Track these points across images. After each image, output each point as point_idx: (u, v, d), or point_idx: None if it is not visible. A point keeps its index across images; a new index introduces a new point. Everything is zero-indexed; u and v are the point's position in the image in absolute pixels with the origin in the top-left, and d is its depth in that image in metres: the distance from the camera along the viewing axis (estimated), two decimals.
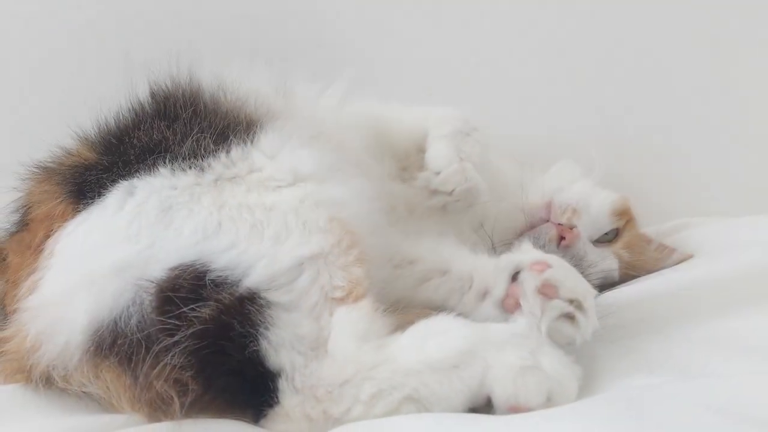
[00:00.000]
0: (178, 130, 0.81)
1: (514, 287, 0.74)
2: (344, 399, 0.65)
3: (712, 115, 1.45)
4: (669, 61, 1.46)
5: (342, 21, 1.45)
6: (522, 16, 1.46)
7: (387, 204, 0.90)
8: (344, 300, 0.71)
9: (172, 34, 1.40)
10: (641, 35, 1.46)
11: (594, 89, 1.46)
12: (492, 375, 0.65)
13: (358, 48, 1.44)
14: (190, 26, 1.41)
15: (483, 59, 1.45)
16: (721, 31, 1.44)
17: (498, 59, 1.46)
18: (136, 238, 0.73)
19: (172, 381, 0.64)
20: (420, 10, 1.46)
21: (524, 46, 1.46)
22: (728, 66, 1.44)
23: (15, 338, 0.73)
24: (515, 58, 1.46)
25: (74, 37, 1.43)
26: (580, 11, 1.45)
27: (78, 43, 1.43)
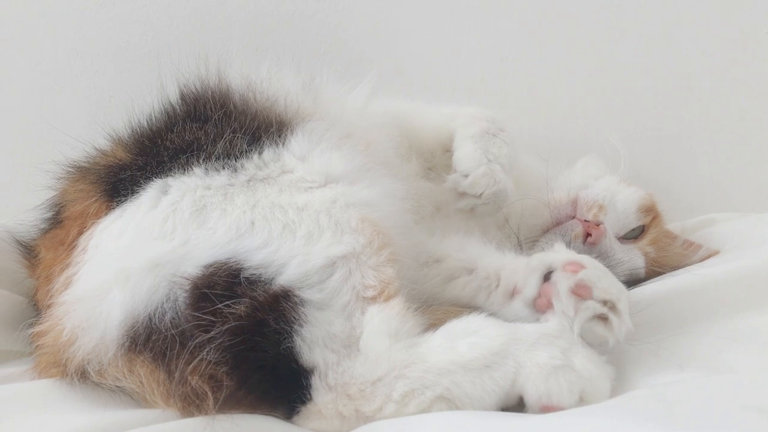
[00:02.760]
0: (211, 131, 0.83)
1: (547, 287, 0.74)
2: (376, 397, 0.65)
3: (737, 112, 1.44)
4: (695, 57, 1.44)
5: (365, 19, 1.45)
6: (547, 12, 1.45)
7: (413, 203, 0.90)
8: (376, 299, 0.72)
9: (198, 34, 1.40)
10: (667, 32, 1.44)
11: (619, 86, 1.46)
12: (524, 375, 0.65)
13: (382, 46, 1.44)
14: (213, 26, 1.42)
15: (507, 56, 1.45)
16: (749, 28, 1.42)
17: (522, 56, 1.45)
18: (170, 236, 0.74)
19: (207, 376, 0.65)
20: (443, 7, 1.45)
21: (549, 43, 1.46)
22: (755, 63, 1.42)
23: (51, 332, 0.74)
24: (539, 54, 1.46)
25: (103, 37, 1.44)
26: (606, 8, 1.43)
27: (107, 44, 1.44)
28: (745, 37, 1.43)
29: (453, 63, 1.44)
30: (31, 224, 0.95)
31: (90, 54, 1.46)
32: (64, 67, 1.46)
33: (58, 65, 1.46)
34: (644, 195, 1.11)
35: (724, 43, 1.44)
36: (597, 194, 1.05)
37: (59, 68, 1.46)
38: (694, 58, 1.45)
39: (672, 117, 1.45)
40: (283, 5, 1.42)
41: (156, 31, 1.44)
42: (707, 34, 1.44)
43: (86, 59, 1.46)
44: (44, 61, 1.46)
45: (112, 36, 1.45)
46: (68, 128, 1.42)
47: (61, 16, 1.44)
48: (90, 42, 1.46)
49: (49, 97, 1.47)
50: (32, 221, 0.95)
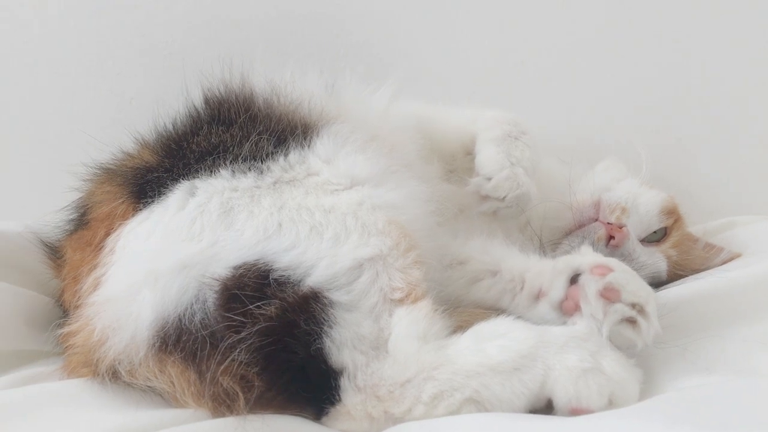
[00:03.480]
0: (236, 134, 0.83)
1: (574, 290, 0.74)
2: (406, 399, 0.66)
3: (758, 114, 1.43)
4: (715, 60, 1.44)
5: (384, 23, 1.45)
6: (566, 15, 1.45)
7: (437, 205, 0.90)
8: (403, 301, 0.72)
9: (220, 38, 1.41)
10: (687, 34, 1.44)
11: (639, 89, 1.45)
12: (553, 377, 0.65)
13: (401, 49, 1.45)
14: (235, 28, 1.43)
15: (526, 59, 1.44)
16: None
17: (541, 59, 1.45)
18: (198, 237, 0.74)
19: (238, 377, 0.66)
20: (462, 12, 1.45)
21: (568, 46, 1.45)
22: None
23: (81, 332, 0.75)
24: (558, 58, 1.46)
25: (124, 40, 1.46)
26: (625, 12, 1.43)
27: (128, 47, 1.46)
28: (766, 39, 1.42)
29: (471, 66, 1.45)
30: (56, 226, 0.96)
31: (111, 57, 1.47)
32: (84, 69, 1.48)
33: (80, 68, 1.47)
34: (666, 197, 1.10)
35: (745, 46, 1.43)
36: (619, 197, 1.05)
37: (80, 71, 1.47)
38: (714, 61, 1.44)
39: (691, 119, 1.45)
40: (300, 8, 1.43)
41: (177, 34, 1.45)
42: (727, 36, 1.43)
43: (108, 62, 1.47)
44: (65, 63, 1.47)
45: (133, 40, 1.47)
46: (89, 131, 1.44)
47: (83, 19, 1.46)
48: (111, 45, 1.47)
49: (71, 100, 1.49)
50: (57, 223, 0.96)
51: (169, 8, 1.45)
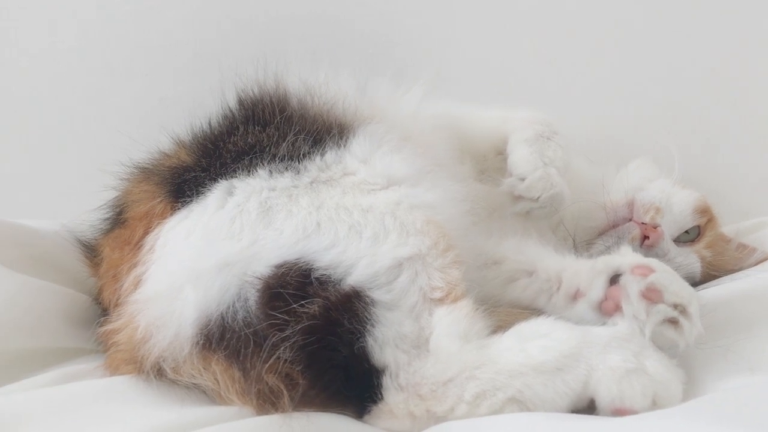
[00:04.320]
0: (273, 134, 0.84)
1: (614, 290, 0.73)
2: (448, 398, 0.66)
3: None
4: (744, 58, 1.42)
5: (411, 23, 1.45)
6: (595, 12, 1.44)
7: (471, 205, 0.91)
8: (443, 301, 0.72)
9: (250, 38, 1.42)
10: (716, 33, 1.43)
11: (668, 88, 1.45)
12: (596, 377, 0.65)
13: (429, 49, 1.45)
14: (265, 29, 1.44)
15: (555, 59, 1.44)
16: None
17: (570, 60, 1.45)
18: (238, 236, 0.75)
19: (283, 375, 0.66)
20: (490, 12, 1.45)
21: (596, 46, 1.45)
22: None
23: (124, 330, 0.76)
24: (587, 58, 1.45)
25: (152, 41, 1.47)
26: (654, 11, 1.42)
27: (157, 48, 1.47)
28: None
29: (499, 67, 1.44)
30: (91, 224, 0.98)
31: (139, 58, 1.48)
32: (113, 70, 1.49)
33: (110, 68, 1.48)
34: (699, 197, 1.10)
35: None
36: (653, 196, 1.04)
37: (110, 71, 1.49)
38: (743, 60, 1.43)
39: (721, 119, 1.44)
40: (327, 9, 1.44)
41: (204, 35, 1.46)
42: (757, 35, 1.42)
43: (136, 63, 1.48)
44: (95, 63, 1.49)
45: (161, 40, 1.48)
46: (118, 131, 1.46)
47: (114, 21, 1.47)
48: (139, 46, 1.48)
49: (100, 101, 1.50)
50: (92, 222, 0.97)
51: (196, 11, 1.46)
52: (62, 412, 0.67)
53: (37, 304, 0.90)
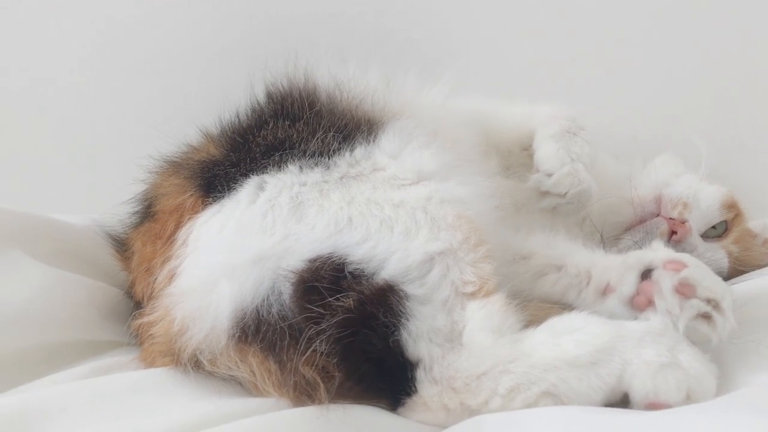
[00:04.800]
0: (303, 129, 0.84)
1: (647, 285, 0.74)
2: (482, 391, 0.66)
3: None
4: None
5: (434, 19, 1.45)
6: (617, 8, 1.43)
7: (499, 200, 0.91)
8: (475, 295, 0.73)
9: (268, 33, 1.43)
10: (741, 27, 1.42)
11: (692, 83, 1.44)
12: (631, 372, 0.65)
13: (452, 45, 1.45)
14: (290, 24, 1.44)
15: (578, 54, 1.44)
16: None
17: (593, 55, 1.45)
18: (270, 231, 0.76)
19: (319, 367, 0.67)
20: (514, 7, 1.45)
21: (620, 42, 1.44)
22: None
23: (160, 322, 0.77)
24: (612, 53, 1.45)
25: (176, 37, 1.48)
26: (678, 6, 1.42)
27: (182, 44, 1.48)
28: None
29: (523, 62, 1.44)
30: (120, 219, 0.99)
31: (164, 54, 1.50)
32: (137, 67, 1.50)
33: (135, 64, 1.50)
34: (726, 192, 1.10)
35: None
36: (681, 192, 1.05)
37: (135, 67, 1.50)
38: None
39: (747, 114, 1.43)
40: (351, 6, 1.44)
41: (232, 31, 1.47)
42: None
43: (160, 59, 1.49)
44: (119, 59, 1.50)
45: (185, 37, 1.49)
46: (142, 127, 1.48)
47: (138, 17, 1.48)
48: (163, 42, 1.49)
49: (124, 98, 1.51)
50: (121, 216, 0.99)
51: (217, 7, 1.47)
52: (102, 403, 0.68)
53: (70, 297, 0.91)
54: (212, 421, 0.65)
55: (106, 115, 1.51)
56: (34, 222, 0.98)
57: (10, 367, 0.81)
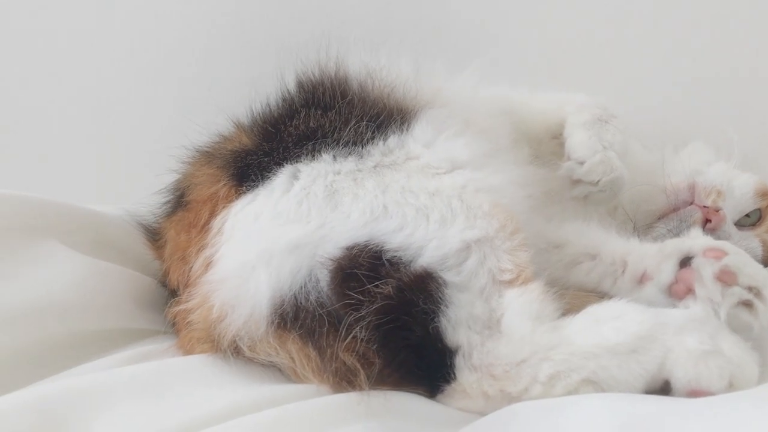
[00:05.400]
0: (335, 119, 0.85)
1: (686, 273, 0.73)
2: (522, 378, 0.67)
3: None
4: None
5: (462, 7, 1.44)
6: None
7: (532, 189, 0.91)
8: (512, 283, 0.72)
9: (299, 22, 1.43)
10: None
11: (721, 72, 1.42)
12: (672, 359, 0.65)
13: (480, 34, 1.44)
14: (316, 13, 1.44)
15: (606, 42, 1.42)
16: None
17: (622, 43, 1.43)
18: (306, 219, 0.76)
19: (359, 354, 0.68)
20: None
21: (650, 30, 1.43)
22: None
23: (199, 309, 0.78)
24: (640, 42, 1.43)
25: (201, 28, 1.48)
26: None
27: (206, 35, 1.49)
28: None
29: (549, 50, 1.43)
30: (151, 208, 1.00)
31: (189, 44, 1.50)
32: (162, 57, 1.51)
33: (160, 55, 1.50)
34: (759, 180, 1.09)
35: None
36: (714, 179, 1.04)
37: (160, 58, 1.51)
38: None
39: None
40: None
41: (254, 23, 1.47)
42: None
43: (185, 50, 1.50)
44: (146, 51, 1.51)
45: (209, 29, 1.49)
46: (167, 119, 1.49)
47: (162, 9, 1.49)
48: (187, 33, 1.50)
49: (150, 87, 1.52)
50: (152, 206, 0.99)
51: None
52: (145, 389, 0.69)
53: (106, 286, 0.92)
54: (253, 407, 0.65)
55: (131, 108, 1.52)
56: (69, 212, 0.99)
57: (49, 354, 0.82)
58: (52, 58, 1.49)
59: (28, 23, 1.48)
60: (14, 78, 1.49)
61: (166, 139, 0.95)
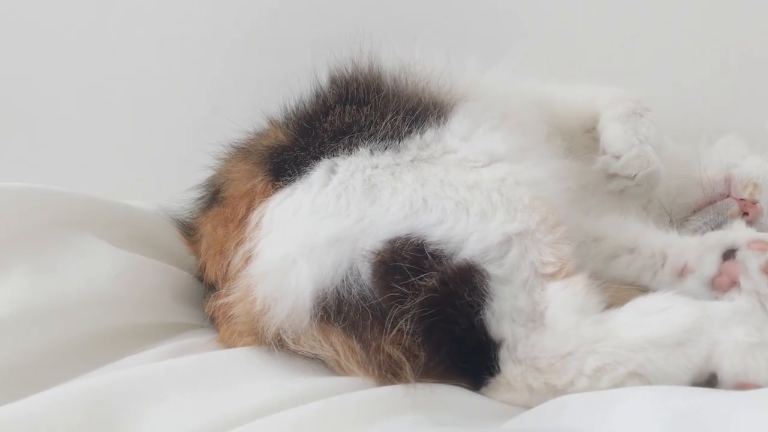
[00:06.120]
0: (371, 113, 0.85)
1: (730, 265, 0.73)
2: (567, 371, 0.67)
3: None
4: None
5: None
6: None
7: (569, 182, 0.90)
8: (555, 276, 0.72)
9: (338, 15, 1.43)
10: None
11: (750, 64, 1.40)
12: (719, 352, 0.65)
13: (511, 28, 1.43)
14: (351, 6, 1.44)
15: (637, 35, 1.41)
16: None
17: (652, 37, 1.42)
18: (345, 212, 0.76)
19: (403, 347, 0.68)
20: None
21: (680, 22, 1.42)
22: None
23: (241, 303, 0.78)
24: (669, 35, 1.42)
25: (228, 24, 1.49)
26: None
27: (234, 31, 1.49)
28: None
29: (579, 42, 1.42)
30: (184, 204, 1.01)
31: (212, 42, 1.51)
32: (187, 56, 1.52)
33: (186, 51, 1.51)
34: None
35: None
36: (750, 172, 1.04)
37: (186, 54, 1.51)
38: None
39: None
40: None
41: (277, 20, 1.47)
42: None
43: (212, 46, 1.50)
44: (172, 47, 1.51)
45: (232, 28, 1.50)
46: (193, 116, 1.50)
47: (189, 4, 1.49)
48: (211, 31, 1.50)
49: (176, 83, 1.53)
50: (185, 201, 1.00)
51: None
52: (193, 381, 0.69)
53: (143, 280, 0.93)
54: (299, 400, 0.65)
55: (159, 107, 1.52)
56: (104, 207, 1.00)
57: (90, 348, 0.83)
58: (82, 54, 1.50)
59: (60, 19, 1.49)
60: (46, 73, 1.50)
61: (195, 135, 0.96)
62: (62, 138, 1.51)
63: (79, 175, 1.46)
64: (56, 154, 1.51)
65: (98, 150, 1.52)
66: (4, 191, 0.88)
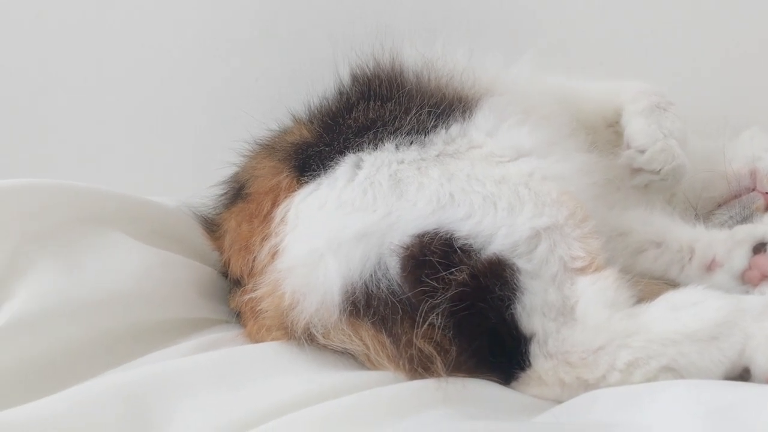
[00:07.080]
0: (396, 109, 0.85)
1: (761, 259, 0.73)
2: (599, 365, 0.66)
3: None
4: None
5: None
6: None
7: (594, 177, 0.90)
8: (585, 270, 0.72)
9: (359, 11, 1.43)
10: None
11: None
12: (752, 346, 0.65)
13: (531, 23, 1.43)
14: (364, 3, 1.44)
15: (656, 30, 1.40)
16: None
17: (670, 32, 1.41)
18: (372, 207, 0.77)
19: (434, 341, 0.68)
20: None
21: (698, 19, 1.41)
22: None
23: (269, 298, 0.78)
24: (688, 31, 1.41)
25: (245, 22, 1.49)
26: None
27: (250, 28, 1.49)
28: None
29: (599, 37, 1.41)
30: (207, 201, 1.01)
31: (234, 38, 1.51)
32: (208, 51, 1.52)
33: (204, 48, 1.51)
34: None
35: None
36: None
37: (204, 50, 1.51)
38: None
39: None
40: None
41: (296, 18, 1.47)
42: None
43: (232, 42, 1.50)
44: (190, 44, 1.51)
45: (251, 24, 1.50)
46: (215, 112, 1.50)
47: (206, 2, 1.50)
48: (232, 26, 1.51)
49: (195, 80, 1.53)
50: (208, 198, 1.01)
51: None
52: (223, 375, 0.70)
53: (169, 276, 0.93)
54: (330, 394, 0.66)
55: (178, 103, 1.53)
56: (131, 203, 1.01)
57: (116, 344, 0.83)
58: (105, 52, 1.50)
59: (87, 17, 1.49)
60: (71, 70, 1.51)
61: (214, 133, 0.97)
62: (79, 136, 1.51)
63: (94, 173, 1.47)
64: (74, 152, 1.51)
65: (117, 148, 1.52)
66: (30, 188, 0.89)
